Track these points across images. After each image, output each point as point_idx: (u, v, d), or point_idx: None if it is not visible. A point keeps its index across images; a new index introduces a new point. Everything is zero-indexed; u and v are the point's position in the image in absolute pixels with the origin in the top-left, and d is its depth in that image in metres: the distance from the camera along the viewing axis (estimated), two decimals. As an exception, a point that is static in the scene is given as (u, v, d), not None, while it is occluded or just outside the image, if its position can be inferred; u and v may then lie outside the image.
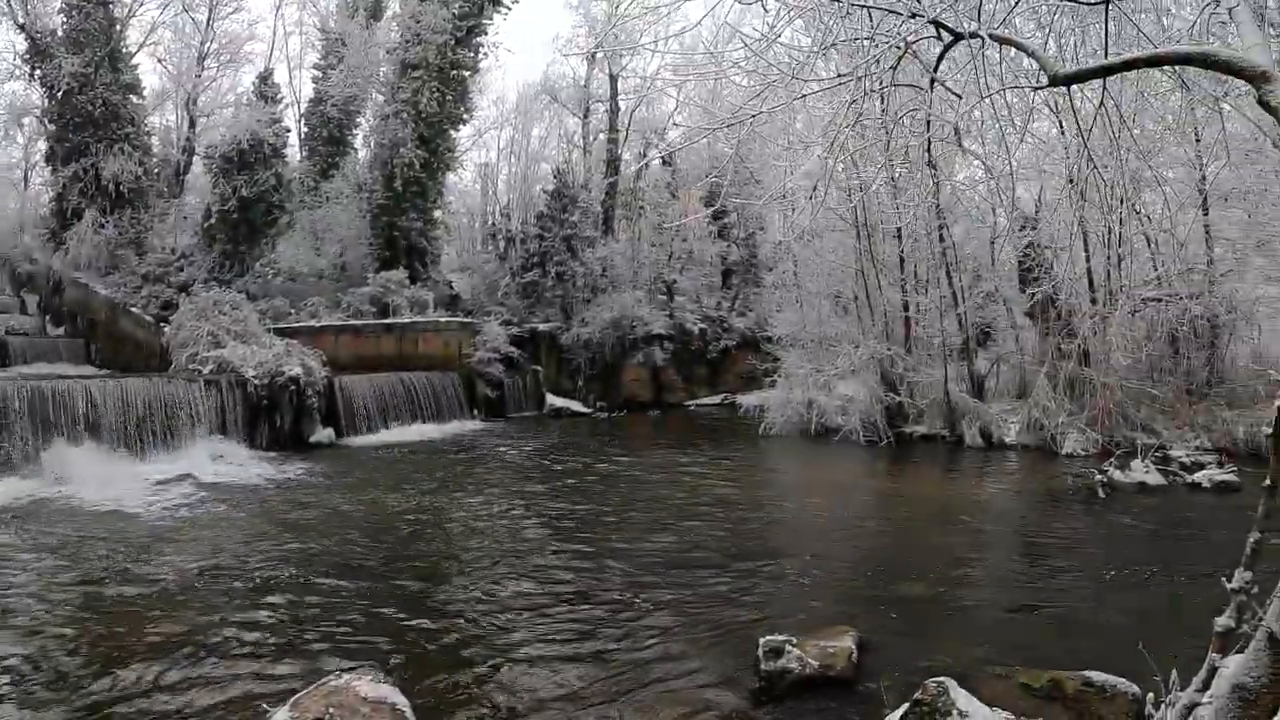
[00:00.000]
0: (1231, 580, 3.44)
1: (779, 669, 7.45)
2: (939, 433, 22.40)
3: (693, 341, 33.43)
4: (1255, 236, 21.35)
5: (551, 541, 12.31)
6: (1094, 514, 14.34)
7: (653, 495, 15.55)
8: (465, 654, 8.15)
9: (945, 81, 5.80)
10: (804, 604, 9.71)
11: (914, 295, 24.16)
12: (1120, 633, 7.94)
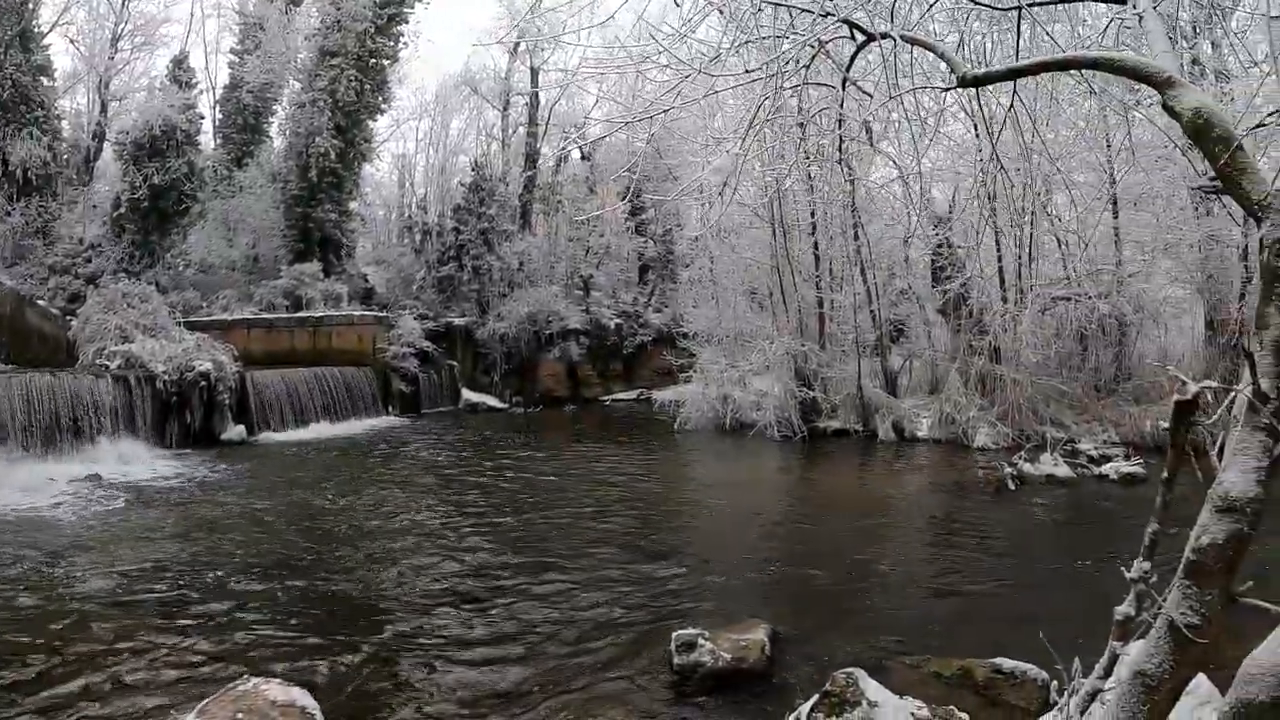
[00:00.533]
0: (1131, 570, 3.55)
1: (691, 663, 7.49)
2: (853, 427, 22.62)
3: (609, 337, 33.38)
4: (1163, 240, 22.07)
5: (467, 541, 12.17)
6: (1004, 505, 14.64)
7: (569, 492, 15.49)
8: (378, 656, 8.03)
9: (859, 81, 5.88)
10: (719, 598, 9.76)
11: (829, 292, 24.35)
12: (1029, 621, 8.10)
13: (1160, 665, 3.32)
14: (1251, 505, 3.18)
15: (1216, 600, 3.23)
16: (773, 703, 7.00)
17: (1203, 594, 3.24)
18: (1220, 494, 3.23)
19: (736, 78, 5.51)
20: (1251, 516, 3.19)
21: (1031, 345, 20.67)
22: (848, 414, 22.94)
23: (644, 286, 36.18)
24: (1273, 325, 3.26)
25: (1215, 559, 3.21)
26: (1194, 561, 3.26)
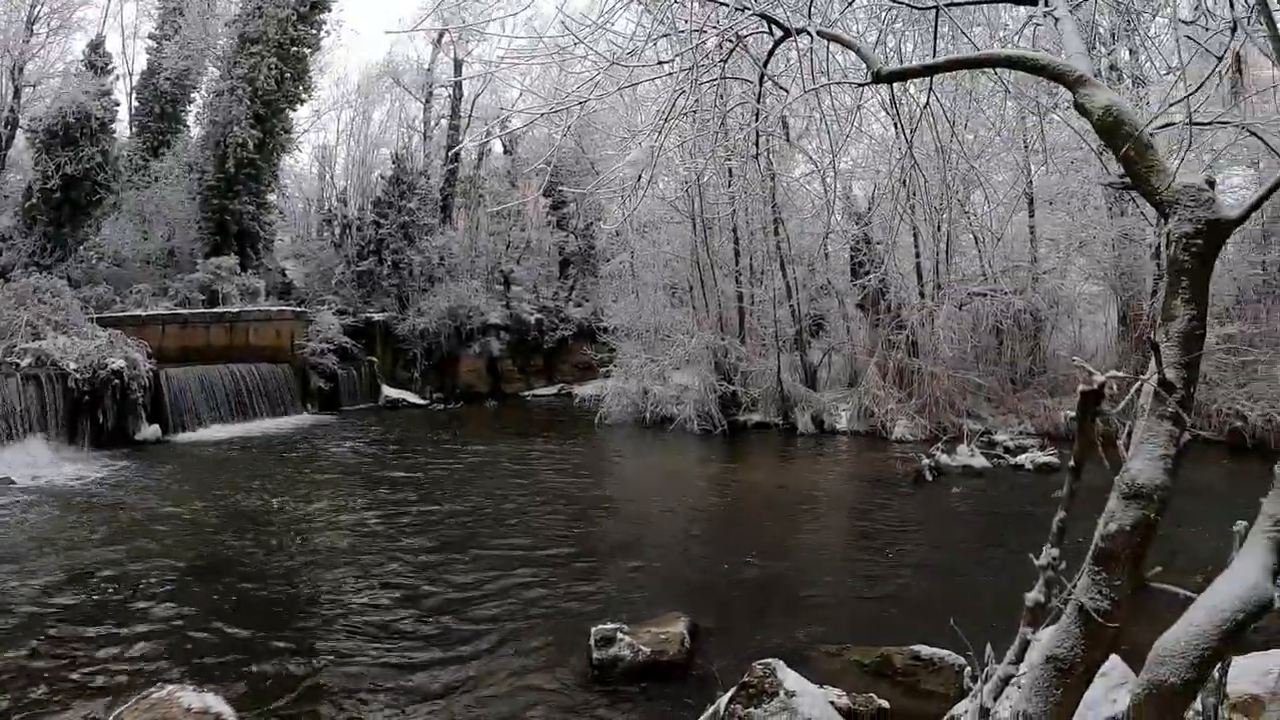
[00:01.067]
0: (1040, 557, 3.62)
1: (611, 657, 7.53)
2: (773, 421, 22.85)
3: (529, 332, 33.13)
4: (1078, 238, 22.66)
5: (388, 542, 12.08)
6: (922, 496, 14.91)
7: (490, 490, 15.39)
8: (298, 659, 7.97)
9: (778, 77, 5.91)
10: (640, 592, 9.82)
11: (748, 287, 24.56)
12: (947, 608, 8.24)
13: (1072, 649, 3.40)
14: (1158, 492, 3.27)
15: (1125, 585, 3.31)
16: (693, 694, 7.08)
17: (1112, 579, 3.32)
18: (1127, 481, 3.31)
19: (652, 69, 5.51)
20: (1158, 503, 3.28)
21: (948, 340, 21.11)
22: (767, 407, 23.16)
23: (565, 281, 35.98)
24: (1178, 317, 3.36)
25: (1123, 545, 3.29)
26: (1103, 548, 3.34)
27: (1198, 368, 3.41)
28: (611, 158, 20.95)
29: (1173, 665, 3.19)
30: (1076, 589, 3.40)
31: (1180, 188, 3.46)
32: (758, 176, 20.68)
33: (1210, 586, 3.29)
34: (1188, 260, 3.38)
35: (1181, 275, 3.39)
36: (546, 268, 36.51)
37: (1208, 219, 3.39)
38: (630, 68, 5.42)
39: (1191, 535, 9.53)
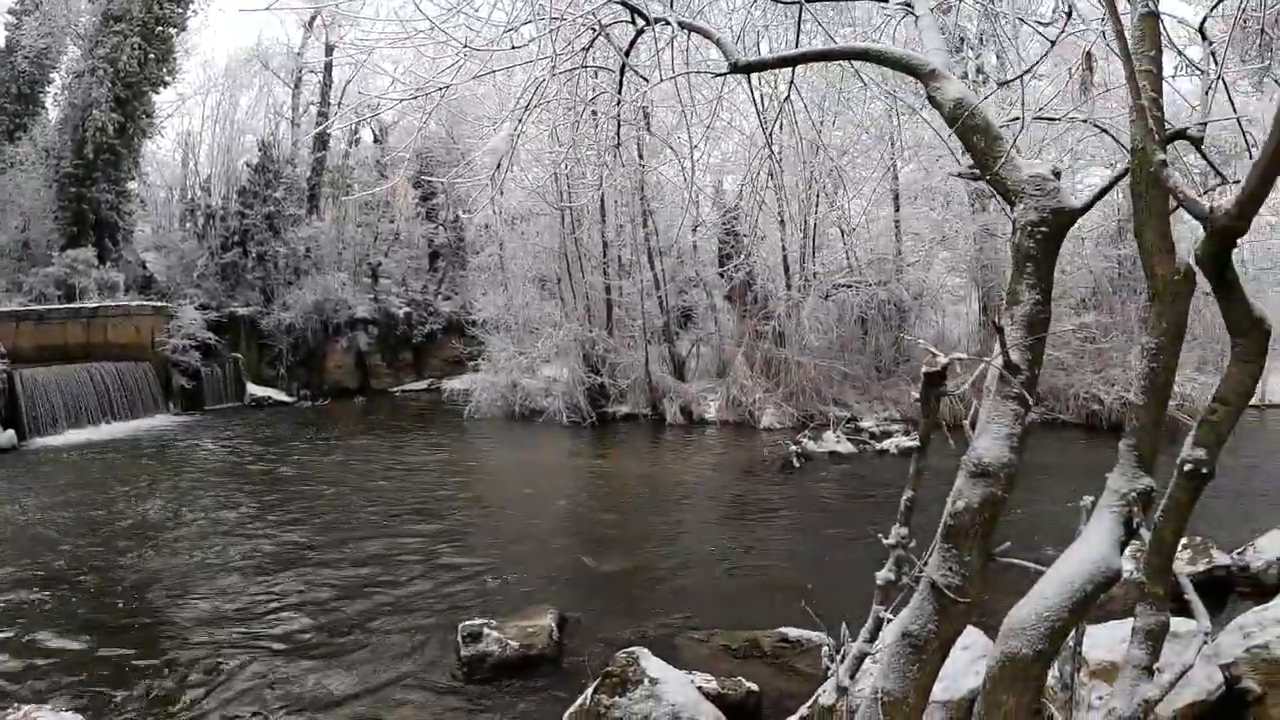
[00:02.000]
0: (889, 536, 3.72)
1: (479, 653, 7.53)
2: (641, 412, 23.00)
3: (398, 326, 32.52)
4: (941, 231, 23.36)
5: (253, 546, 11.80)
6: (790, 482, 15.19)
7: (359, 488, 15.19)
8: (163, 670, 7.80)
9: (640, 67, 5.93)
10: (510, 587, 9.84)
11: (617, 279, 24.64)
12: (816, 589, 8.46)
13: (925, 625, 3.49)
14: (1004, 470, 3.38)
15: (975, 560, 3.42)
16: (562, 687, 7.12)
17: (961, 555, 3.42)
18: (974, 460, 3.42)
19: (508, 55, 5.47)
20: (1004, 481, 3.39)
21: (814, 330, 21.57)
22: (636, 398, 23.29)
23: (434, 274, 35.33)
24: (1023, 302, 3.48)
25: (971, 522, 3.40)
26: (951, 525, 3.44)
27: (1042, 350, 3.54)
28: (479, 147, 20.66)
29: (1024, 637, 3.30)
30: (928, 566, 3.50)
31: (1026, 178, 3.58)
32: (625, 169, 20.75)
33: (1059, 560, 3.42)
34: (1032, 247, 3.51)
35: (1027, 261, 3.51)
36: (416, 260, 35.72)
37: (1052, 207, 3.52)
38: (489, 52, 5.36)
39: (1051, 511, 9.90)
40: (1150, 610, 3.34)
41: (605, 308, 24.65)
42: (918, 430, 3.55)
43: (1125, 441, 3.42)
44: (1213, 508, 12.82)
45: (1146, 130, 3.06)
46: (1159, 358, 3.33)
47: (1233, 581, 9.19)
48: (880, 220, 24.58)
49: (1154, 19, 3.92)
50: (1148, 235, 3.43)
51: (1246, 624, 6.10)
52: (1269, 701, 5.66)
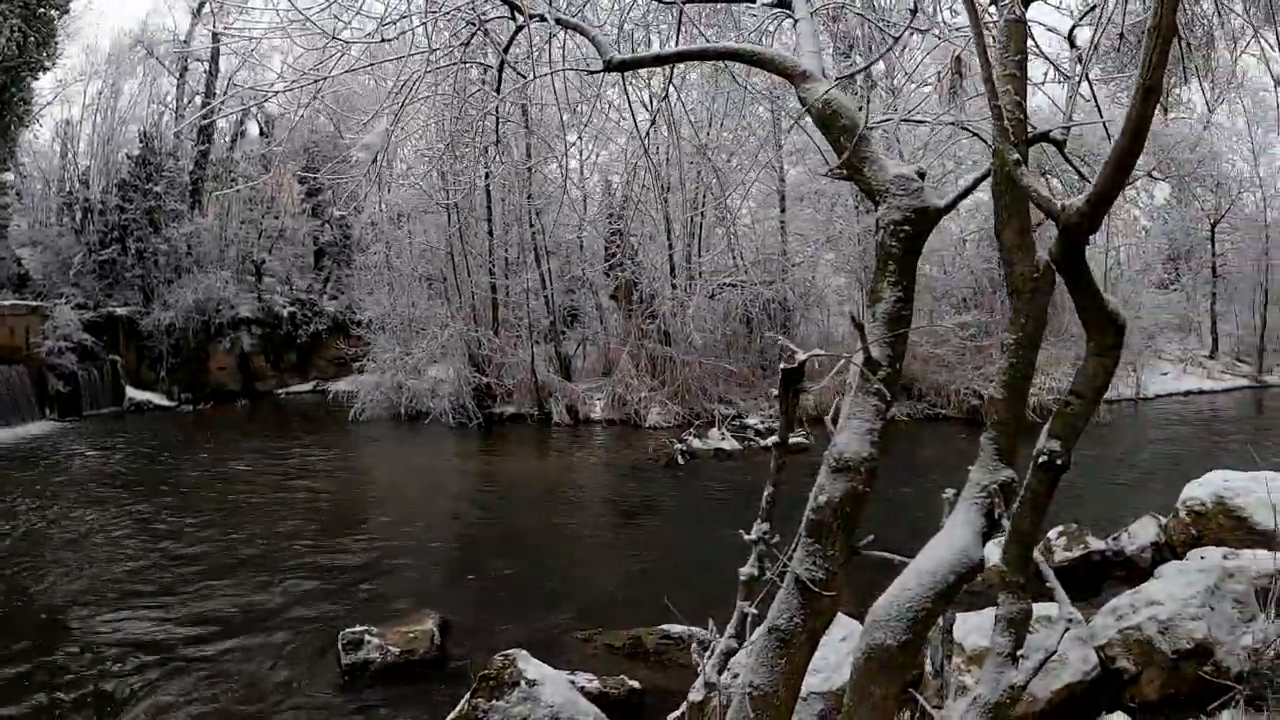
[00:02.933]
0: (750, 532, 3.75)
1: (360, 660, 7.44)
2: (528, 412, 22.93)
3: (282, 326, 31.79)
4: (827, 233, 23.77)
5: (134, 560, 11.42)
6: (675, 480, 15.30)
7: (240, 496, 14.86)
8: (33, 690, 7.54)
9: (520, 63, 5.88)
10: (394, 592, 9.76)
11: (503, 278, 24.53)
12: (699, 586, 8.51)
13: (791, 620, 3.52)
14: (865, 465, 3.43)
15: (838, 554, 3.47)
16: (443, 692, 7.08)
17: (825, 549, 3.46)
18: (835, 455, 3.47)
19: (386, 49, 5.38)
20: (866, 475, 3.44)
21: (699, 329, 21.77)
22: (522, 399, 23.24)
23: (319, 272, 34.57)
24: (884, 299, 3.54)
25: (833, 516, 3.44)
26: (814, 519, 3.48)
27: (903, 347, 3.60)
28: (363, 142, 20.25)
29: (888, 628, 3.35)
30: (793, 561, 3.53)
31: (891, 178, 3.64)
32: (511, 167, 20.70)
33: (922, 551, 3.48)
34: (895, 246, 3.57)
35: (889, 260, 3.57)
36: (301, 258, 34.87)
37: (915, 207, 3.58)
38: (363, 44, 5.26)
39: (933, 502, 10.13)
40: (1012, 599, 3.40)
41: (491, 307, 24.53)
42: (778, 427, 3.58)
43: (986, 435, 3.50)
44: (1089, 495, 13.41)
45: (1003, 131, 3.12)
46: (1018, 353, 3.41)
47: (1108, 565, 9.56)
48: (767, 221, 24.93)
49: (1020, 25, 4.01)
50: (1007, 234, 3.51)
51: (1119, 606, 6.33)
52: (1143, 680, 5.87)
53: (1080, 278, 3.00)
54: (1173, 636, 5.85)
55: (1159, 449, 18.71)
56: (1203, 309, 33.29)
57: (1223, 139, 31.48)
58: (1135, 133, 2.61)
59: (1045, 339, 12.11)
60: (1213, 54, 12.94)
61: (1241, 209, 33.01)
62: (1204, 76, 14.25)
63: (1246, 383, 30.77)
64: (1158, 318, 29.50)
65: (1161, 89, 2.59)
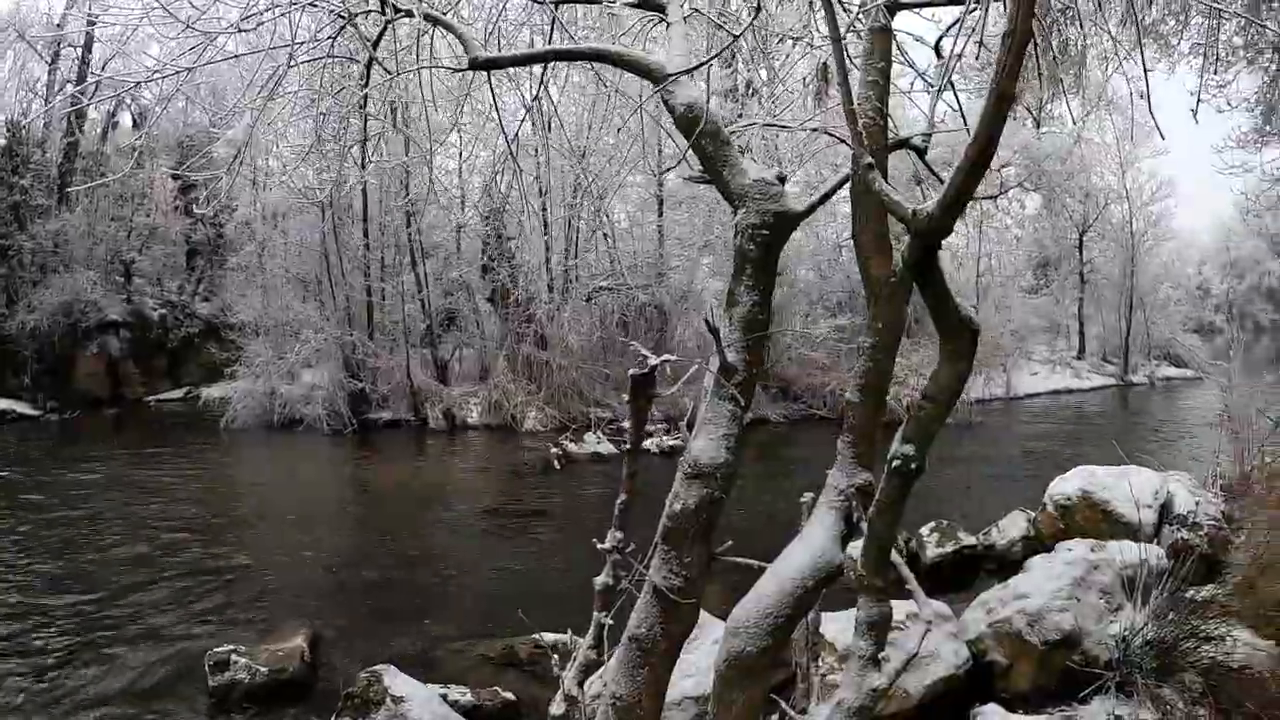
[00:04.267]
0: (604, 541, 3.70)
1: (228, 681, 7.20)
2: (404, 417, 22.62)
3: (153, 329, 30.67)
4: (705, 238, 24.00)
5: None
6: (551, 484, 15.26)
7: (105, 510, 14.22)
8: None
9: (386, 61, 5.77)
10: (265, 608, 9.50)
11: (379, 280, 24.13)
12: (574, 593, 8.42)
13: (651, 628, 3.49)
14: (721, 471, 3.42)
15: (696, 561, 3.44)
16: (314, 711, 6.97)
17: (682, 557, 3.44)
18: (690, 462, 3.45)
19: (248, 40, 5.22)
20: (722, 481, 3.43)
21: (575, 332, 21.79)
22: (398, 404, 22.92)
23: (191, 273, 33.41)
24: (741, 303, 3.53)
25: (690, 523, 3.42)
26: (670, 527, 3.46)
27: (761, 351, 3.59)
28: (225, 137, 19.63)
29: (747, 635, 3.33)
30: (650, 570, 3.49)
31: (750, 182, 3.63)
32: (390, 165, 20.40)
33: (780, 557, 3.47)
34: (753, 250, 3.56)
35: (746, 264, 3.56)
36: (173, 258, 33.54)
37: (774, 211, 3.57)
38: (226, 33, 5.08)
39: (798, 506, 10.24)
40: (871, 602, 3.41)
41: (367, 310, 24.09)
42: (629, 433, 3.53)
43: (843, 439, 3.52)
44: (962, 492, 13.79)
45: (856, 136, 3.12)
46: (874, 357, 3.43)
47: (980, 560, 9.87)
48: (645, 225, 25.08)
49: (885, 33, 4.04)
50: (864, 238, 3.53)
51: (989, 600, 6.50)
52: (1015, 671, 6.04)
53: (933, 283, 3.01)
54: (1041, 628, 6.02)
55: (1029, 446, 19.34)
56: (1071, 313, 35.60)
57: (1093, 153, 33.24)
58: (987, 138, 2.63)
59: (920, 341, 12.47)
60: (1085, 72, 13.51)
61: (1109, 219, 35.14)
62: (1076, 93, 14.84)
63: (1112, 382, 32.60)
64: (1028, 321, 31.32)
65: (1014, 95, 2.60)
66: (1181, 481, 9.94)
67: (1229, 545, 8.51)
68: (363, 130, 6.61)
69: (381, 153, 19.07)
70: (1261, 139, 13.91)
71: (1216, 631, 5.94)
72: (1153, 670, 5.68)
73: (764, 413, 22.22)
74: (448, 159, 24.09)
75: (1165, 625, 5.88)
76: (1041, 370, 31.71)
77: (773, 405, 22.78)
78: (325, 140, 6.99)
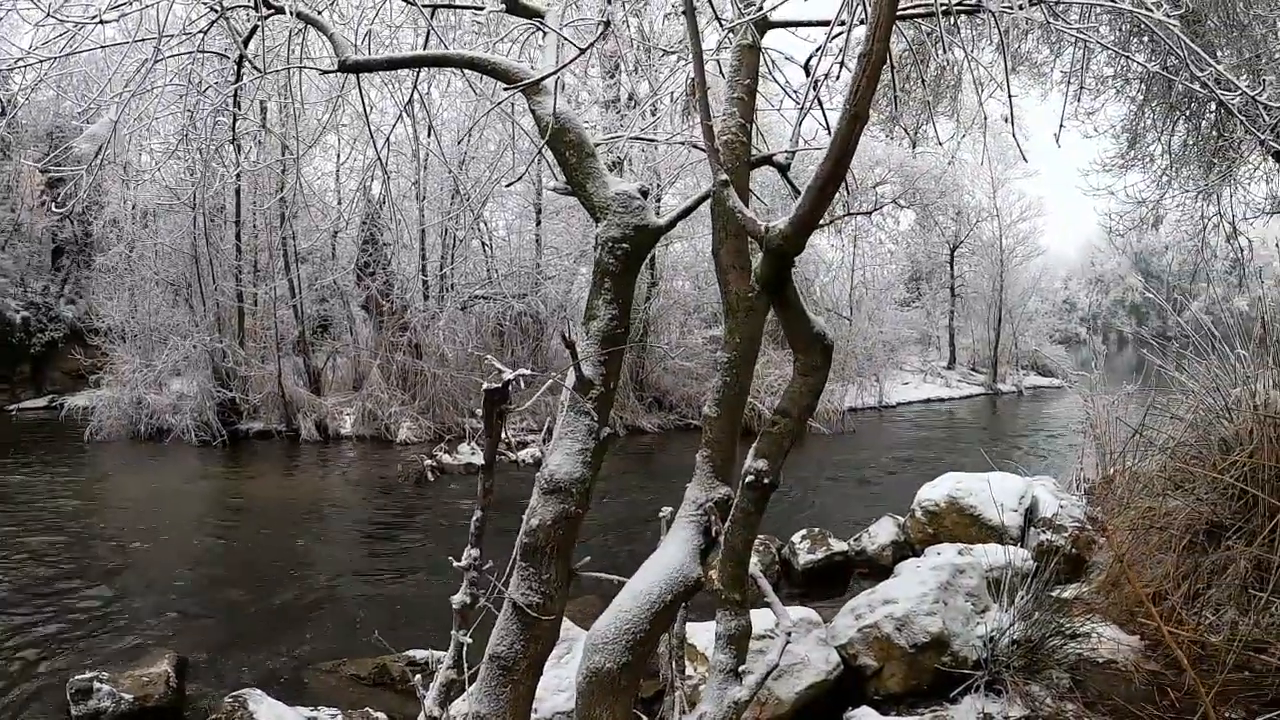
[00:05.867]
0: (460, 559, 3.65)
1: (91, 710, 6.92)
2: (275, 428, 22.02)
3: (14, 333, 29.16)
4: (582, 248, 24.06)
5: None
6: (425, 497, 15.06)
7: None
8: None
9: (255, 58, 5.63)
10: (130, 631, 9.13)
11: (250, 285, 23.43)
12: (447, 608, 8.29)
13: (512, 646, 3.46)
14: (577, 486, 3.40)
15: (555, 578, 3.42)
16: None
17: (540, 573, 3.41)
18: (546, 477, 3.43)
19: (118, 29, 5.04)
20: (579, 496, 3.41)
21: (450, 341, 21.57)
22: (270, 414, 22.30)
23: (57, 273, 31.98)
24: (599, 317, 3.51)
25: (547, 539, 3.40)
26: (528, 543, 3.43)
27: (618, 365, 3.58)
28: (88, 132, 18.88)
29: (607, 651, 3.31)
30: (509, 587, 3.45)
31: (612, 195, 3.61)
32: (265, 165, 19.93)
33: (638, 572, 3.46)
34: (612, 263, 3.55)
35: (606, 277, 3.55)
36: (39, 257, 32.13)
37: (635, 224, 3.57)
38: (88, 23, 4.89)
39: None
40: (730, 616, 3.43)
41: (238, 316, 23.35)
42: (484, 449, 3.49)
43: (701, 453, 3.54)
44: (837, 499, 14.06)
45: (713, 151, 3.14)
46: (731, 371, 3.45)
47: (852, 565, 10.04)
48: (524, 234, 25.05)
49: (753, 51, 4.08)
50: (723, 253, 3.55)
51: (857, 606, 6.58)
52: (885, 674, 6.12)
53: (786, 299, 3.05)
54: (910, 632, 6.13)
55: (901, 453, 19.80)
56: (942, 324, 37.15)
57: (965, 173, 34.56)
58: (839, 157, 2.66)
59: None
60: (960, 96, 14.04)
61: (979, 235, 36.78)
62: (952, 116, 15.40)
63: (981, 390, 33.80)
64: (900, 332, 32.42)
65: (868, 115, 2.64)
66: (1046, 486, 10.38)
67: (1093, 546, 8.88)
68: (232, 129, 6.40)
69: (255, 153, 18.54)
70: (1125, 164, 14.62)
71: (1082, 629, 6.17)
72: (1021, 668, 5.86)
73: (639, 423, 22.34)
74: (326, 161, 23.69)
75: (1031, 624, 6.06)
76: (913, 380, 32.88)
77: (648, 415, 22.87)
78: (193, 139, 6.77)
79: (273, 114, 19.22)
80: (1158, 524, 7.16)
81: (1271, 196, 14.40)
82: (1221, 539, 6.56)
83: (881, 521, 10.39)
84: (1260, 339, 7.28)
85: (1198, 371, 7.82)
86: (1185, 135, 13.70)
